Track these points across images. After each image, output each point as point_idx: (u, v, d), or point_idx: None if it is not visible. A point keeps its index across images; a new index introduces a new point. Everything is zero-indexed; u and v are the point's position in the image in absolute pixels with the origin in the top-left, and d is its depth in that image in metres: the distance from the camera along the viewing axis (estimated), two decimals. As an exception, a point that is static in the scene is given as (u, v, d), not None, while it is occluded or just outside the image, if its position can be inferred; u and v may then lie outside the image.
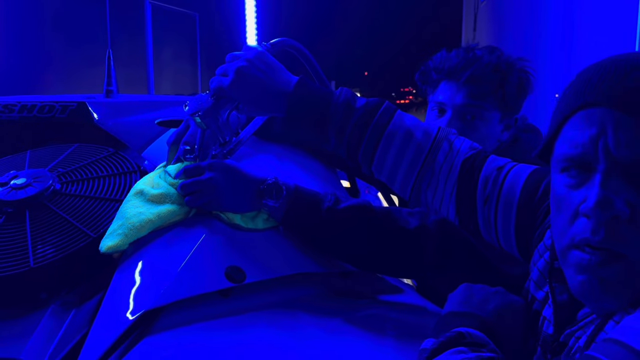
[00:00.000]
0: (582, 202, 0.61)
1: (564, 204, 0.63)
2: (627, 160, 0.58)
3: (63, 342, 0.86)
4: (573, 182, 0.62)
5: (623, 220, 0.58)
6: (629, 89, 0.58)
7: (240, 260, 0.91)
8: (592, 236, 0.59)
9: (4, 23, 5.02)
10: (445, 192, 0.89)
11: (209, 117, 0.98)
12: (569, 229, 0.62)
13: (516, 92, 1.27)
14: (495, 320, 0.72)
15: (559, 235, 0.64)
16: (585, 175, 0.61)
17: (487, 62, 1.25)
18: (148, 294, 0.83)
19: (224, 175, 0.97)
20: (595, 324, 0.63)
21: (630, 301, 0.60)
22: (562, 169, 0.64)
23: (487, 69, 1.24)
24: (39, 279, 0.92)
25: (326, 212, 0.98)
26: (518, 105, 1.30)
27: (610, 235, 0.58)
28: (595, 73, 0.62)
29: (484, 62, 1.24)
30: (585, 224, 0.60)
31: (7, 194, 1.02)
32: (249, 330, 0.83)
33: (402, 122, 0.92)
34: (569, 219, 0.62)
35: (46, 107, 1.27)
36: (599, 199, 0.58)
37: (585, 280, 0.61)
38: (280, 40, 1.06)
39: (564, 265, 0.65)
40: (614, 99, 0.59)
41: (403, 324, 0.96)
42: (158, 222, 0.93)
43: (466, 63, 1.25)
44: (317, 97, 0.93)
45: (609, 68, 0.61)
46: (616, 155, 0.58)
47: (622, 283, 0.59)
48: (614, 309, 0.61)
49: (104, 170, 1.10)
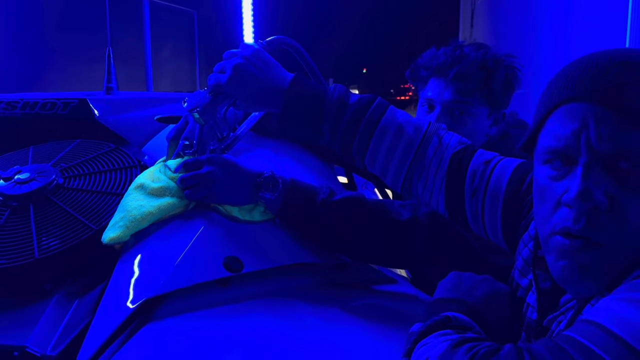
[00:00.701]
0: (564, 193, 0.63)
1: (547, 194, 0.66)
2: (608, 153, 0.60)
3: (67, 331, 0.89)
4: (556, 174, 0.65)
5: (602, 211, 0.60)
6: (610, 85, 0.61)
7: (237, 250, 0.94)
8: (573, 225, 0.62)
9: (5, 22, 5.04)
10: (435, 185, 0.92)
11: (207, 113, 1.01)
12: (551, 218, 0.65)
13: (503, 88, 1.30)
14: (482, 306, 0.74)
15: (542, 224, 0.67)
16: (567, 168, 0.64)
17: (474, 59, 1.28)
18: (149, 283, 0.86)
19: (221, 169, 1.00)
20: (576, 308, 0.67)
21: (607, 286, 0.63)
22: (544, 161, 0.67)
23: (473, 67, 1.27)
24: (44, 270, 0.95)
25: (321, 204, 1.01)
26: (505, 100, 1.33)
27: (589, 225, 0.61)
28: (578, 69, 0.65)
29: (470, 60, 1.27)
30: (566, 213, 0.63)
31: (11, 189, 1.05)
32: (247, 317, 0.86)
33: (394, 117, 0.94)
34: (551, 209, 0.65)
35: (48, 104, 1.30)
36: (580, 190, 0.60)
37: (566, 266, 0.63)
38: (276, 38, 1.09)
39: (546, 251, 0.68)
40: (596, 94, 0.61)
41: (396, 313, 0.99)
42: (158, 214, 0.96)
43: (453, 60, 1.28)
44: (312, 93, 0.96)
45: (592, 64, 0.64)
46: (597, 149, 0.61)
47: (600, 269, 0.62)
48: (592, 293, 0.64)
49: (105, 165, 1.13)
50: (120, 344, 0.82)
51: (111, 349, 0.82)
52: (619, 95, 0.60)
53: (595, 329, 0.55)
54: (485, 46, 1.33)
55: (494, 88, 1.29)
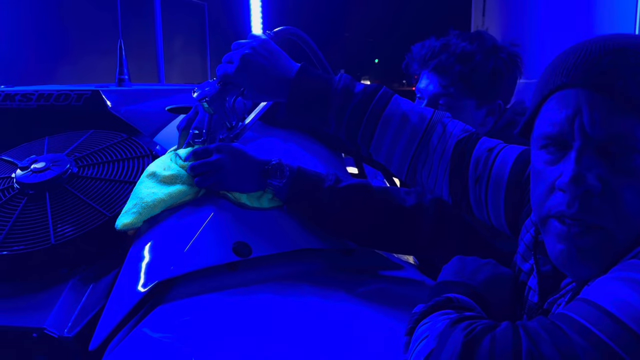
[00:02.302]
0: (558, 177, 0.65)
1: (542, 178, 0.67)
2: (601, 138, 0.62)
3: (83, 314, 0.92)
4: (551, 158, 0.66)
5: (595, 194, 0.62)
6: (603, 72, 0.62)
7: (246, 236, 0.97)
8: (567, 209, 0.63)
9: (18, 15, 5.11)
10: (439, 172, 0.94)
11: (216, 103, 1.04)
12: (546, 201, 0.67)
13: (489, 79, 1.28)
14: (484, 289, 0.76)
15: (537, 207, 0.69)
16: (562, 153, 0.65)
17: (453, 51, 1.26)
18: (160, 267, 0.89)
19: (230, 157, 1.03)
20: (575, 291, 0.68)
21: (606, 268, 0.64)
22: (540, 146, 0.68)
23: (452, 58, 1.26)
24: (60, 256, 0.99)
25: (327, 190, 1.03)
26: (495, 91, 1.30)
27: (583, 208, 0.62)
28: (573, 55, 0.66)
29: (450, 51, 1.27)
30: (561, 197, 0.64)
31: (28, 177, 1.08)
32: (255, 299, 0.89)
33: (398, 106, 0.96)
34: (546, 192, 0.67)
35: (62, 95, 1.33)
36: (574, 174, 0.62)
37: (565, 250, 0.65)
38: (284, 29, 1.11)
39: (544, 234, 0.69)
40: (589, 81, 0.62)
41: (403, 297, 1.01)
42: (169, 201, 0.99)
43: (433, 53, 1.28)
44: (318, 82, 0.98)
45: (586, 50, 0.65)
46: (590, 134, 0.62)
47: (598, 252, 0.63)
48: (591, 275, 0.65)
49: (118, 154, 1.16)
50: (132, 325, 0.85)
51: (124, 331, 0.85)
52: (611, 82, 0.61)
53: (590, 307, 0.56)
54: (482, 37, 1.31)
55: (477, 80, 1.27)
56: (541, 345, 0.54)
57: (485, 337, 0.57)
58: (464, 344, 0.57)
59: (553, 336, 0.55)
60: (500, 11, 6.97)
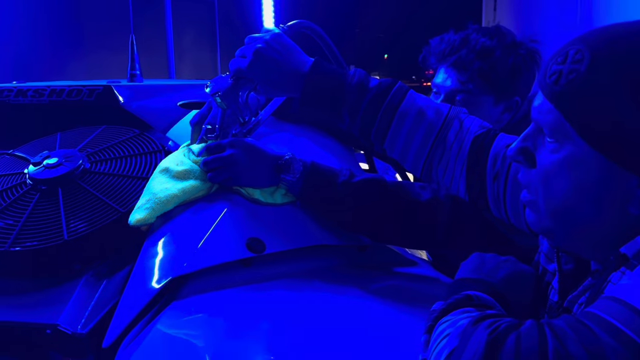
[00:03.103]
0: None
1: None
2: (537, 122, 0.68)
3: (96, 310, 0.91)
4: None
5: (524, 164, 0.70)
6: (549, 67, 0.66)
7: (260, 232, 0.96)
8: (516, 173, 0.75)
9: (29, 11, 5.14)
10: (456, 169, 0.92)
11: (228, 97, 1.02)
12: None
13: (508, 75, 1.26)
14: (504, 287, 0.75)
15: None
16: None
17: (473, 47, 1.24)
18: (174, 263, 0.89)
19: (243, 152, 1.02)
20: (594, 288, 0.67)
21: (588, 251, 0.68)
22: None
23: (471, 54, 1.24)
24: (73, 251, 0.98)
25: (341, 185, 1.02)
26: (513, 87, 1.28)
27: (523, 177, 0.72)
28: None
29: (470, 47, 1.25)
30: None
31: (41, 173, 1.08)
32: (269, 294, 0.88)
33: (414, 101, 0.94)
34: None
35: (74, 91, 1.33)
36: (512, 146, 0.71)
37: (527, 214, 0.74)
38: (297, 22, 1.10)
39: None
40: (541, 75, 0.68)
41: (418, 294, 1.00)
42: (183, 196, 0.98)
43: (453, 48, 1.26)
44: (332, 77, 0.96)
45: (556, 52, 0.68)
46: (533, 116, 0.69)
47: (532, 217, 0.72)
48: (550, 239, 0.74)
49: (130, 150, 1.16)
50: (146, 322, 0.85)
51: (138, 327, 0.84)
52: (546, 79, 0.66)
53: (619, 305, 0.55)
54: (501, 32, 1.29)
55: (496, 76, 1.25)
56: (568, 344, 0.52)
57: (510, 336, 0.55)
58: (487, 342, 0.55)
59: (580, 334, 0.53)
60: (512, 6, 6.91)
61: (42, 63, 4.98)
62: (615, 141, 0.61)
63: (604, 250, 0.65)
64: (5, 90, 1.37)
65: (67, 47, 5.40)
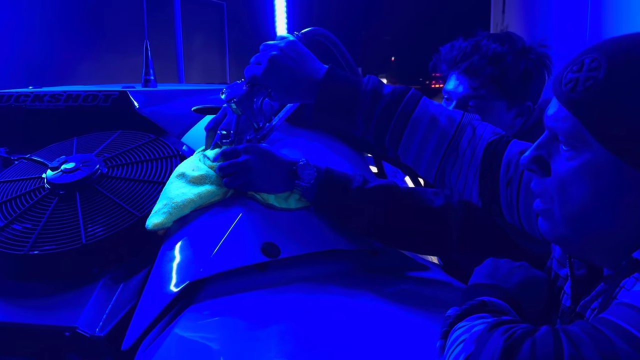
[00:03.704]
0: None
1: None
2: (552, 130, 0.69)
3: (113, 313, 0.93)
4: None
5: (538, 172, 0.71)
6: (565, 76, 0.68)
7: (275, 237, 0.97)
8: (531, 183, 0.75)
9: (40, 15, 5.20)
10: (469, 176, 0.93)
11: (243, 104, 1.04)
12: None
13: (520, 80, 1.27)
14: (518, 293, 0.75)
15: None
16: None
17: (485, 53, 1.25)
18: (191, 267, 0.90)
19: (258, 158, 1.03)
20: (606, 293, 0.67)
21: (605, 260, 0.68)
22: None
23: (483, 60, 1.25)
24: (91, 255, 1.00)
25: (355, 191, 1.03)
26: (525, 92, 1.29)
27: (536, 186, 0.73)
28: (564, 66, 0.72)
29: (482, 53, 1.26)
30: None
31: (59, 177, 1.10)
32: (285, 298, 0.90)
33: (427, 108, 0.95)
34: None
35: (90, 96, 1.34)
36: (525, 154, 0.72)
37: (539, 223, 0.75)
38: (311, 30, 1.11)
39: None
40: (557, 83, 0.69)
41: (431, 298, 1.01)
42: (199, 201, 1.00)
43: (465, 54, 1.27)
44: (346, 84, 0.97)
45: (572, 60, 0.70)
46: (547, 124, 0.70)
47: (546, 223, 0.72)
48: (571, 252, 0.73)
49: (146, 155, 1.17)
50: (164, 325, 0.86)
51: (156, 331, 0.86)
52: (563, 86, 0.67)
53: (632, 311, 0.55)
54: (511, 38, 1.30)
55: (508, 82, 1.26)
56: (583, 350, 0.53)
57: (526, 342, 0.56)
58: (504, 348, 0.56)
59: (595, 340, 0.54)
60: (520, 9, 6.90)
61: (52, 67, 5.02)
62: (633, 145, 0.62)
63: (617, 256, 0.66)
64: (22, 96, 1.39)
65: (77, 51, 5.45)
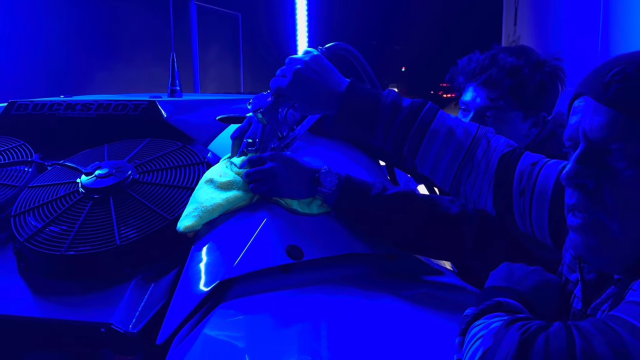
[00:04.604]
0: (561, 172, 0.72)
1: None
2: (598, 141, 0.67)
3: (145, 310, 0.98)
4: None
5: (590, 189, 0.68)
6: (605, 82, 0.68)
7: (298, 240, 1.03)
8: (568, 199, 0.71)
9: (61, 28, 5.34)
10: (484, 185, 0.98)
11: (269, 114, 1.10)
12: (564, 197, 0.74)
13: (536, 92, 1.32)
14: (532, 296, 0.79)
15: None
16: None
17: (502, 65, 1.30)
18: (221, 267, 0.95)
19: (283, 165, 1.09)
20: (616, 296, 0.71)
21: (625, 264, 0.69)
22: (566, 147, 0.74)
23: (502, 73, 1.30)
24: (124, 256, 1.05)
25: (374, 198, 1.08)
26: (541, 103, 1.34)
27: (580, 200, 0.69)
28: (594, 68, 0.72)
29: (499, 66, 1.31)
30: (569, 191, 0.72)
31: (93, 182, 1.16)
32: (308, 299, 0.94)
33: (444, 120, 1.00)
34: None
35: (120, 105, 1.41)
36: (568, 169, 0.69)
37: (574, 238, 0.72)
38: (335, 45, 1.17)
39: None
40: (593, 90, 0.69)
41: (448, 300, 1.05)
42: (227, 206, 1.05)
43: (483, 67, 1.32)
44: (367, 97, 1.02)
45: (604, 64, 0.71)
46: (589, 136, 0.68)
47: (599, 244, 0.69)
48: (610, 270, 0.71)
49: (174, 162, 1.23)
50: (196, 322, 0.91)
51: (188, 327, 0.91)
52: (610, 92, 0.67)
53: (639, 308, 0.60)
54: (526, 52, 1.35)
55: (525, 93, 1.31)
56: (594, 344, 0.57)
57: (540, 336, 0.61)
58: (519, 342, 0.61)
59: (605, 335, 0.58)
60: (532, 21, 6.93)
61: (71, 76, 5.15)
62: None
63: (628, 261, 0.69)
64: (55, 104, 1.45)
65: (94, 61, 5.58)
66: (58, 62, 5.12)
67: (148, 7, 6.02)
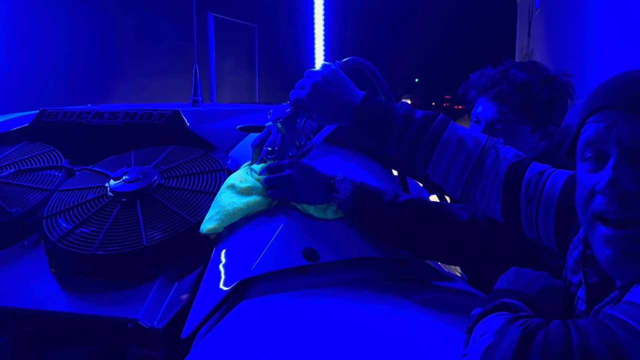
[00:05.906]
0: (597, 183, 0.74)
1: (583, 185, 0.76)
2: (634, 148, 0.70)
3: (169, 308, 1.03)
4: (591, 168, 0.76)
5: (632, 196, 0.70)
6: (634, 94, 0.72)
7: (314, 243, 1.08)
8: (606, 207, 0.72)
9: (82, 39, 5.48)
10: (492, 194, 1.03)
11: (288, 124, 1.16)
12: (589, 206, 0.75)
13: (545, 107, 1.36)
14: (538, 299, 0.83)
15: (582, 212, 0.77)
16: (600, 164, 0.74)
17: (513, 80, 1.35)
18: (242, 267, 1.01)
19: (300, 172, 1.15)
20: (619, 298, 0.76)
21: None
22: (582, 156, 0.77)
23: (512, 88, 1.34)
24: (150, 256, 1.11)
25: (387, 204, 1.13)
26: (550, 118, 1.38)
27: (623, 206, 0.70)
28: (615, 80, 0.76)
29: (510, 81, 1.35)
30: (601, 199, 0.73)
31: (121, 186, 1.23)
32: (323, 300, 0.99)
33: (455, 131, 1.06)
34: (587, 197, 0.75)
35: (145, 114, 1.48)
36: (611, 178, 0.71)
37: (611, 254, 0.73)
38: (352, 59, 1.23)
39: (591, 238, 0.77)
40: (624, 102, 0.72)
41: (458, 305, 1.09)
42: (247, 210, 1.11)
43: (494, 82, 1.37)
44: (381, 109, 1.08)
45: (627, 76, 0.75)
46: (626, 143, 0.71)
47: None
48: (636, 277, 0.72)
49: (197, 168, 1.30)
50: (217, 318, 0.97)
51: (210, 323, 0.96)
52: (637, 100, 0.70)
53: (632, 307, 0.64)
54: (537, 67, 1.39)
55: (534, 108, 1.35)
56: (590, 339, 0.62)
57: (540, 332, 0.65)
58: (520, 338, 0.65)
59: (600, 331, 0.63)
60: (545, 34, 6.96)
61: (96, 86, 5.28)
62: None
63: None
64: (83, 112, 1.53)
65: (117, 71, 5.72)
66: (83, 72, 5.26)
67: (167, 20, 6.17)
